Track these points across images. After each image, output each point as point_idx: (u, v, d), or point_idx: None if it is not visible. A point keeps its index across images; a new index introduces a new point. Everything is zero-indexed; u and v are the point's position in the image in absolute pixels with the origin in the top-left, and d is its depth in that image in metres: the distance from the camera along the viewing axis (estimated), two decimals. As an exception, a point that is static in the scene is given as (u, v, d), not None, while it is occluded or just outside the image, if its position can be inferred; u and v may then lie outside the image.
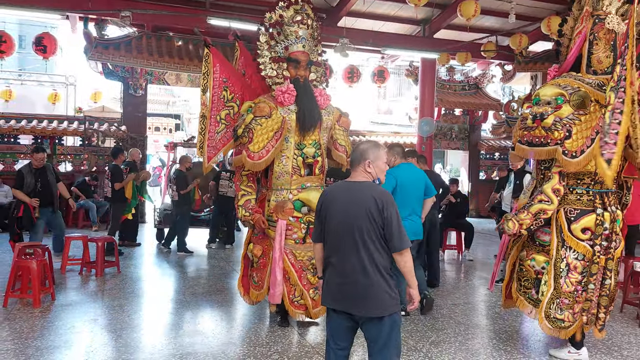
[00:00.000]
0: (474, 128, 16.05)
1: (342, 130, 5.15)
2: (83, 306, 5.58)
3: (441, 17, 11.88)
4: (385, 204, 2.76)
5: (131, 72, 12.19)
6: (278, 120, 4.69)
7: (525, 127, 4.08)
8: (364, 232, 2.76)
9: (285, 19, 4.85)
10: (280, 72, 4.87)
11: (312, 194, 4.72)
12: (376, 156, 2.91)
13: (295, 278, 4.73)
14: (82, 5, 9.37)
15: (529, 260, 4.26)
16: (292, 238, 4.74)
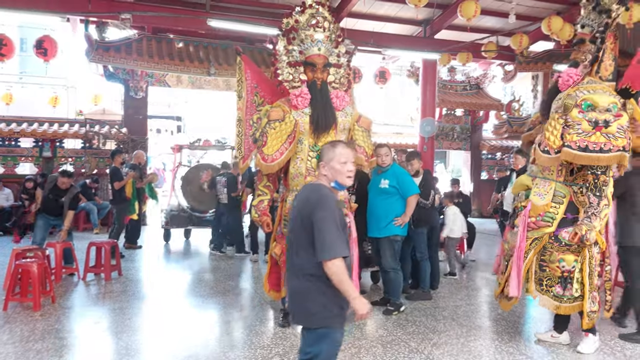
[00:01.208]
0: (476, 128, 16.04)
1: (362, 130, 5.14)
2: (84, 309, 5.57)
3: (442, 17, 11.88)
4: (316, 208, 2.54)
5: (132, 74, 12.20)
6: (291, 123, 4.76)
7: (578, 132, 4.05)
8: (297, 237, 2.64)
9: (301, 24, 4.91)
10: (297, 75, 4.94)
11: None
12: (329, 157, 2.70)
13: None
14: (82, 8, 9.39)
15: (557, 262, 4.34)
16: None
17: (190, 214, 10.02)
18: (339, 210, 2.60)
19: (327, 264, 2.47)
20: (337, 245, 2.49)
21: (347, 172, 2.71)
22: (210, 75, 11.43)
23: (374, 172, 5.72)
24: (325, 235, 2.49)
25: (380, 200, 5.53)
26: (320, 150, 2.84)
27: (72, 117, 15.37)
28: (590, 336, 4.47)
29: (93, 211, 10.85)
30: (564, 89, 4.41)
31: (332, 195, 2.64)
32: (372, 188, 5.67)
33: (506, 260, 4.67)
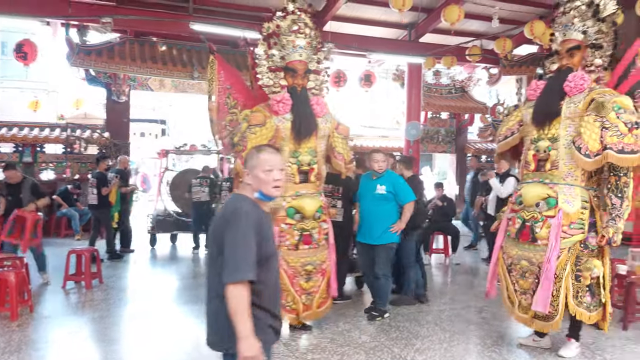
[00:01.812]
0: (461, 131, 16.11)
1: (341, 137, 5.18)
2: (62, 319, 5.47)
3: (427, 21, 11.93)
4: (227, 223, 2.27)
5: (114, 78, 12.04)
6: (271, 129, 4.77)
7: (617, 134, 4.05)
8: (210, 252, 2.39)
9: (282, 29, 4.91)
10: (277, 81, 4.96)
11: (305, 201, 4.81)
12: (253, 164, 2.39)
13: (288, 284, 4.79)
14: (63, 12, 9.27)
15: (591, 269, 4.25)
16: (285, 245, 4.80)
17: (177, 219, 9.96)
18: (258, 225, 2.29)
19: (228, 287, 2.18)
20: (242, 267, 2.19)
21: (272, 182, 2.38)
22: (194, 79, 11.37)
23: (365, 177, 5.61)
24: (230, 255, 2.21)
25: (375, 207, 5.39)
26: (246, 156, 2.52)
27: (53, 122, 15.16)
28: (572, 341, 4.47)
29: (75, 217, 10.68)
30: (574, 93, 4.34)
31: (249, 209, 2.32)
32: (365, 194, 5.51)
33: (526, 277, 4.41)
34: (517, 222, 4.47)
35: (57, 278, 6.88)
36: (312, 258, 4.88)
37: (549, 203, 4.28)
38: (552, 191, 4.31)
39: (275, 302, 2.46)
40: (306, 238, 4.83)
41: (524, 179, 4.59)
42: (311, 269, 4.87)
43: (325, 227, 5.01)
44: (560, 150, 4.33)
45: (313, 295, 4.93)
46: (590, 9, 4.38)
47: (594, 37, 4.39)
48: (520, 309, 4.51)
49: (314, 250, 4.90)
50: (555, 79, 4.50)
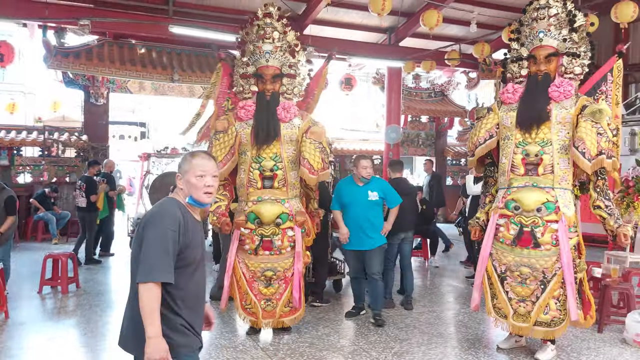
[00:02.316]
0: (440, 134, 16.25)
1: (310, 142, 4.90)
2: (38, 325, 5.38)
3: (406, 25, 12.01)
4: (147, 224, 2.24)
5: (92, 80, 11.89)
6: (232, 135, 4.89)
7: (607, 140, 4.19)
8: (133, 257, 2.29)
9: (250, 36, 5.01)
10: (248, 87, 5.03)
11: (264, 207, 4.81)
12: (185, 169, 2.37)
13: (246, 287, 4.88)
14: (39, 14, 9.13)
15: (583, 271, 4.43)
16: (245, 249, 4.87)
17: None
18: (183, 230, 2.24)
19: (139, 287, 2.14)
20: (157, 268, 2.15)
21: (204, 187, 2.34)
22: (174, 82, 11.28)
23: (349, 183, 5.55)
24: (146, 255, 2.16)
25: (369, 213, 5.40)
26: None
27: (30, 124, 14.95)
28: (549, 344, 4.52)
29: (52, 221, 10.52)
30: (562, 99, 4.41)
31: (175, 212, 2.27)
32: (355, 201, 5.41)
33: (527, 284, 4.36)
34: (513, 228, 4.39)
35: (33, 283, 6.78)
36: (274, 264, 4.84)
37: (549, 208, 4.29)
38: (550, 196, 4.33)
39: (195, 311, 2.37)
40: (266, 244, 4.81)
41: (511, 183, 4.50)
42: (271, 275, 4.85)
43: (292, 234, 4.89)
44: (555, 154, 4.37)
45: (275, 302, 4.89)
46: (567, 18, 4.48)
47: (568, 45, 4.49)
48: (516, 318, 4.41)
49: (276, 257, 4.84)
50: (538, 85, 4.50)
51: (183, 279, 2.26)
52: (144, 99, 21.82)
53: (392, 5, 8.42)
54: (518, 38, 4.69)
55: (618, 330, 5.19)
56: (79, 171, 11.46)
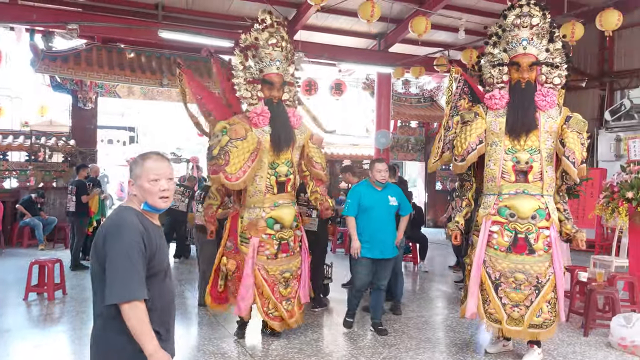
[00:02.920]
0: (430, 139, 16.31)
1: (316, 147, 5.34)
2: (23, 332, 5.32)
3: (395, 31, 12.09)
4: (108, 237, 2.06)
5: (80, 85, 11.82)
6: (253, 141, 4.82)
7: (583, 149, 4.37)
8: (94, 270, 2.14)
9: (260, 42, 4.99)
10: (255, 93, 5.03)
11: (284, 211, 4.96)
12: (137, 174, 2.19)
13: (269, 292, 4.88)
14: (27, 17, 9.09)
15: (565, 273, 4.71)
16: (265, 254, 4.91)
17: None
18: (145, 239, 2.10)
19: (124, 307, 1.99)
20: (132, 286, 2.00)
21: (159, 192, 2.18)
22: (163, 86, 11.26)
23: (368, 188, 5.27)
24: (117, 273, 2.00)
25: (390, 219, 5.25)
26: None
27: (16, 129, 14.80)
28: (535, 348, 4.57)
29: (38, 227, 10.40)
30: (547, 108, 4.51)
31: (134, 222, 2.11)
32: (377, 206, 5.17)
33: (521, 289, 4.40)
34: (508, 235, 4.42)
35: (19, 290, 6.71)
36: (289, 265, 5.02)
37: (540, 215, 4.40)
38: (540, 202, 4.44)
39: (166, 321, 2.25)
40: (284, 247, 4.97)
41: (502, 190, 4.52)
42: (289, 276, 5.00)
43: (300, 234, 5.19)
44: (543, 162, 4.47)
45: (292, 300, 5.04)
46: (549, 29, 4.58)
47: (547, 55, 4.60)
48: (510, 322, 4.42)
49: (291, 257, 5.04)
50: (524, 93, 4.54)
51: (154, 288, 2.13)
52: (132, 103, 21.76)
53: (381, 11, 8.47)
54: (497, 43, 4.70)
55: (603, 334, 5.24)
56: (66, 176, 11.37)
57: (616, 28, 8.39)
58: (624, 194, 6.05)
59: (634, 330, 4.75)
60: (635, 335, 4.72)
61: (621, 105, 12.05)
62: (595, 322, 5.46)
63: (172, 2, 10.13)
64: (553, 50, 4.62)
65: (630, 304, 5.81)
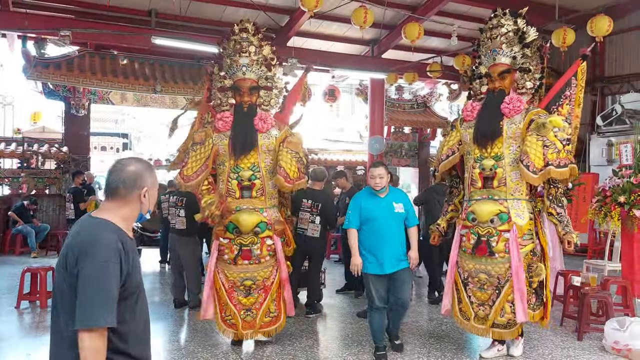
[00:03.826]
0: (423, 145, 16.37)
1: (287, 151, 5.00)
2: (16, 340, 5.29)
3: (389, 38, 12.14)
4: (79, 256, 1.89)
5: (73, 91, 11.78)
6: (209, 147, 4.97)
7: (556, 151, 4.43)
8: (61, 289, 1.97)
9: (227, 50, 5.11)
10: (226, 100, 5.12)
11: (243, 216, 4.83)
12: (151, 182, 2.12)
13: (226, 297, 4.87)
14: (19, 24, 9.06)
15: (541, 273, 4.63)
16: (224, 259, 4.90)
17: (141, 234, 9.92)
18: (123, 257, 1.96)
19: (81, 334, 1.82)
20: (99, 311, 1.83)
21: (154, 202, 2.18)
22: (156, 93, 11.24)
23: (369, 194, 4.76)
24: (85, 295, 1.84)
25: (397, 228, 4.70)
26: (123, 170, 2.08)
27: (9, 136, 14.74)
28: (520, 339, 4.83)
29: (31, 234, 10.35)
30: (513, 114, 4.64)
31: (112, 238, 1.96)
32: (382, 214, 4.64)
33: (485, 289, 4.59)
34: (472, 238, 4.65)
35: (11, 298, 6.65)
36: (253, 274, 4.85)
37: (502, 218, 4.56)
38: (503, 207, 4.58)
39: (144, 344, 2.13)
40: (245, 253, 4.83)
41: (472, 196, 4.75)
42: (250, 284, 4.84)
43: (270, 243, 4.92)
44: (506, 168, 4.63)
45: (255, 312, 4.89)
46: (517, 36, 4.70)
47: (521, 61, 4.72)
48: (476, 321, 4.69)
49: (255, 266, 4.85)
50: (492, 101, 4.73)
51: (128, 310, 2.00)
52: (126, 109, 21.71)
53: (374, 18, 8.51)
54: (480, 56, 4.91)
55: (597, 338, 5.25)
56: (59, 183, 11.32)
57: (607, 34, 8.47)
58: (616, 198, 6.10)
59: (627, 334, 4.76)
60: (629, 339, 4.74)
61: (612, 111, 12.15)
62: (589, 326, 5.47)
63: (166, 9, 10.12)
64: (531, 54, 4.72)
65: (624, 307, 5.83)
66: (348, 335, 5.47)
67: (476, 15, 11.44)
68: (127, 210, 2.07)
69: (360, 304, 6.79)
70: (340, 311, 6.60)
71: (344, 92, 17.44)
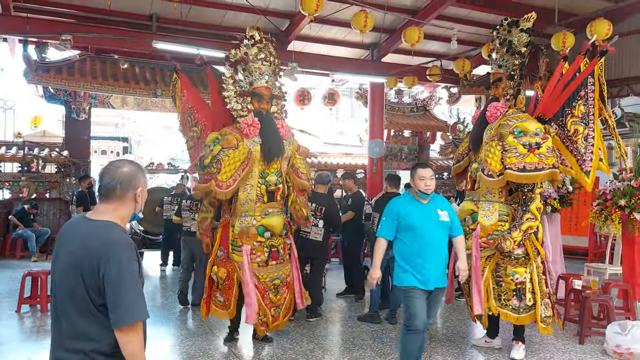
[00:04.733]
0: (423, 149, 16.38)
1: (301, 158, 5.45)
2: (16, 344, 5.29)
3: (388, 42, 12.15)
4: (105, 257, 1.95)
5: (74, 95, 11.79)
6: (244, 151, 4.97)
7: (516, 155, 4.57)
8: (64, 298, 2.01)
9: (249, 56, 5.18)
10: (245, 105, 5.21)
11: (274, 219, 5.06)
12: (144, 182, 2.19)
13: (260, 299, 4.96)
14: (20, 29, 9.07)
15: (511, 275, 4.74)
16: (256, 261, 5.01)
17: (143, 237, 9.97)
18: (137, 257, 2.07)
19: (125, 330, 1.93)
20: (138, 307, 1.96)
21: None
22: (157, 97, 11.25)
23: (409, 200, 4.19)
24: (123, 295, 1.93)
25: (443, 239, 4.13)
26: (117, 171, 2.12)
27: (9, 140, 14.76)
28: (520, 343, 4.87)
29: (31, 238, 10.34)
30: (492, 120, 4.96)
31: (129, 239, 2.07)
32: (426, 222, 4.05)
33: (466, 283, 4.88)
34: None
35: (12, 302, 6.65)
36: (279, 272, 5.11)
37: (473, 218, 4.91)
38: (475, 207, 4.95)
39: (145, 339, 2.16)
40: (274, 254, 5.07)
41: (465, 197, 5.30)
42: (279, 283, 5.09)
43: (289, 242, 5.28)
44: (473, 172, 5.05)
45: (280, 307, 5.15)
46: (504, 46, 5.01)
47: (511, 69, 4.98)
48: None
49: (280, 265, 5.13)
50: (483, 109, 5.12)
51: None
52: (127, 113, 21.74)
53: (374, 22, 8.53)
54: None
55: (599, 342, 5.25)
56: (59, 187, 11.32)
57: (607, 38, 8.48)
58: (616, 202, 6.09)
59: (629, 338, 4.76)
60: (631, 343, 4.74)
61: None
62: (590, 329, 5.47)
63: (166, 13, 10.14)
64: (517, 62, 4.96)
65: (625, 311, 5.83)
66: (349, 339, 5.47)
67: (476, 19, 11.46)
68: (124, 210, 2.13)
69: (360, 308, 6.79)
70: (341, 315, 6.60)
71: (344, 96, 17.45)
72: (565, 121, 4.95)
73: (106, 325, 1.96)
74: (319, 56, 12.22)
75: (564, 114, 4.96)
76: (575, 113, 4.96)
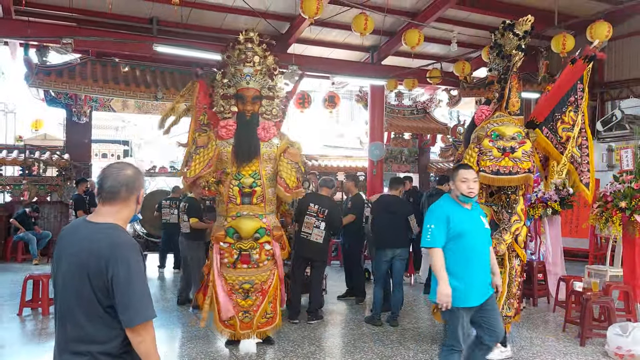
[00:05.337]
0: (423, 151, 16.41)
1: (287, 162, 5.18)
2: (18, 348, 5.29)
3: (388, 44, 12.18)
4: (113, 259, 1.97)
5: (75, 99, 11.81)
6: (212, 149, 5.07)
7: (490, 158, 4.63)
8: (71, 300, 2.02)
9: (231, 59, 5.23)
10: (228, 107, 5.25)
11: (243, 221, 5.03)
12: (143, 184, 2.24)
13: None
14: (21, 32, 9.10)
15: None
16: (224, 262, 5.04)
17: (146, 240, 10.02)
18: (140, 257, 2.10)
19: (139, 329, 1.97)
20: (148, 306, 2.00)
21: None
22: (158, 100, 11.25)
23: (451, 204, 3.76)
24: (134, 295, 1.97)
25: (487, 247, 3.82)
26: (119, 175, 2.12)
27: (10, 143, 14.77)
28: (498, 345, 4.74)
29: (32, 241, 10.35)
30: (478, 123, 5.01)
31: (134, 240, 2.11)
32: (473, 230, 3.69)
33: None
34: None
35: (13, 305, 6.65)
36: (251, 277, 5.05)
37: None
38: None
39: None
40: (244, 257, 5.02)
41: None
42: (248, 288, 5.04)
43: (269, 248, 5.12)
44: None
45: (252, 314, 5.08)
46: (495, 49, 5.13)
47: (501, 72, 5.06)
48: None
49: (253, 270, 5.06)
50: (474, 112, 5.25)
51: None
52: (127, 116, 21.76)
53: (374, 24, 8.56)
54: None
55: (600, 344, 5.26)
56: (60, 190, 11.33)
57: (606, 39, 8.50)
58: (617, 204, 6.11)
59: (630, 340, 4.77)
60: (632, 345, 4.74)
61: (612, 116, 12.17)
62: (591, 331, 5.47)
63: (167, 17, 10.17)
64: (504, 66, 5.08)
65: (626, 313, 5.82)
66: (350, 341, 5.47)
67: (476, 21, 11.49)
68: (126, 212, 2.15)
69: (361, 311, 6.80)
70: (342, 317, 6.60)
71: (344, 99, 17.48)
72: (557, 127, 5.01)
73: (113, 327, 1.99)
74: (319, 59, 12.25)
75: (554, 119, 5.02)
76: (565, 119, 5.02)
